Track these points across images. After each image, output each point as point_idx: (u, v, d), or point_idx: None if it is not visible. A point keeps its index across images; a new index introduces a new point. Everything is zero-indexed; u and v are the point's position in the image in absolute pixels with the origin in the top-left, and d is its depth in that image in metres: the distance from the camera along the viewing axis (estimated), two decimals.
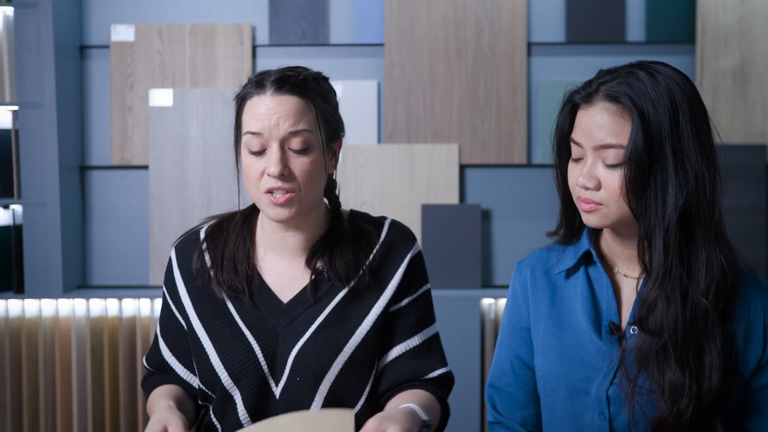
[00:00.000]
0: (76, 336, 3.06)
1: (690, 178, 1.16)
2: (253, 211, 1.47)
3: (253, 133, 1.32)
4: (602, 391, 1.23)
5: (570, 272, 1.33)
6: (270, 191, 1.32)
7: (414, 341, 1.43)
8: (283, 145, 1.31)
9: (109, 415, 3.10)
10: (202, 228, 1.47)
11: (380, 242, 1.43)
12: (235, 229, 1.44)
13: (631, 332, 1.23)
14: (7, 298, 3.05)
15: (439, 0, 3.16)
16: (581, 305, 1.28)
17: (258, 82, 1.34)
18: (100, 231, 3.25)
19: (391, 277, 1.42)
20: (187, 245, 1.46)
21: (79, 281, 3.21)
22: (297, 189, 1.32)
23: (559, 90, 3.13)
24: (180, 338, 1.45)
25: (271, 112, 1.31)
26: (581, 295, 1.29)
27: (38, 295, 3.05)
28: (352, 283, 1.39)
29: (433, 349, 1.45)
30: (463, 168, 3.19)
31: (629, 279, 1.28)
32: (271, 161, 1.30)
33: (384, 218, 1.48)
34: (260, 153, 1.32)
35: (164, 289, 1.48)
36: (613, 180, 1.18)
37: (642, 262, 1.21)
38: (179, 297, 1.44)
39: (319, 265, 1.40)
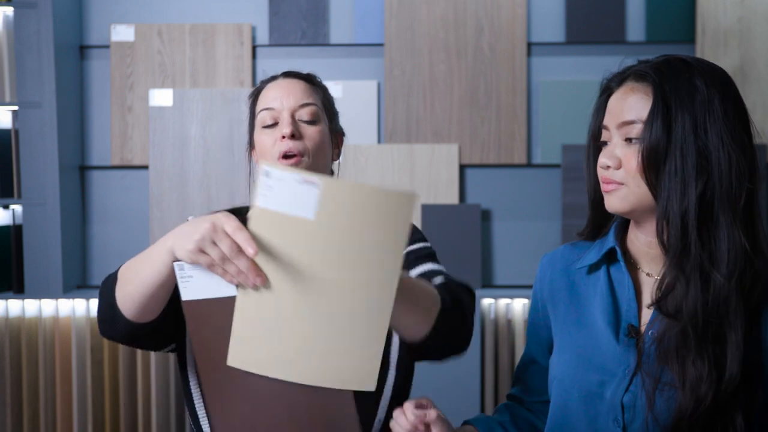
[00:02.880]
0: (76, 336, 3.06)
1: (713, 161, 1.14)
2: None
3: (267, 109, 1.44)
4: (617, 397, 1.20)
5: (591, 269, 1.30)
6: (283, 156, 1.40)
7: (416, 271, 1.44)
8: (293, 114, 1.43)
9: (109, 415, 3.10)
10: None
11: None
12: (244, 218, 1.48)
13: (650, 336, 1.19)
14: (7, 298, 3.05)
15: (439, 0, 3.16)
16: (600, 305, 1.25)
17: (271, 77, 1.50)
18: (100, 231, 3.25)
19: None
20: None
21: (79, 281, 3.21)
22: (306, 154, 1.41)
23: (559, 90, 3.17)
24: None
25: (283, 89, 1.45)
26: (601, 294, 1.26)
27: (38, 295, 3.05)
28: None
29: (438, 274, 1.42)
30: (463, 168, 3.19)
31: (652, 279, 1.24)
32: (283, 125, 1.41)
33: None
34: (273, 126, 1.43)
35: None
36: (633, 156, 1.17)
37: (661, 242, 1.18)
38: None
39: None
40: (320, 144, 1.43)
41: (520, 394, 1.42)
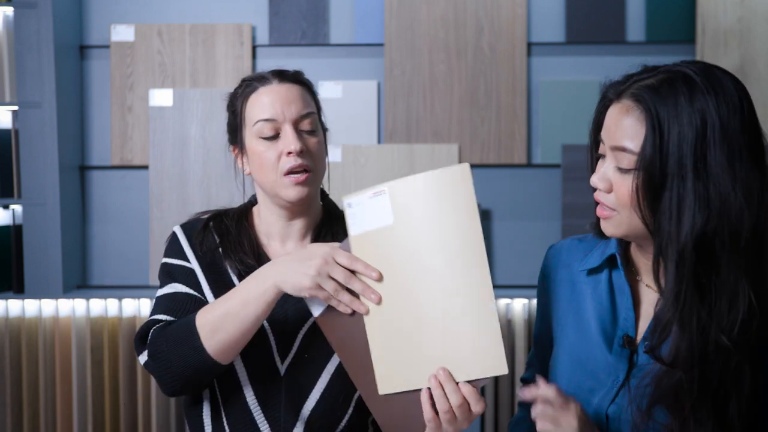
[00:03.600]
0: (76, 336, 3.06)
1: (713, 200, 1.04)
2: (245, 209, 1.51)
3: (266, 120, 1.39)
4: (602, 408, 1.18)
5: (592, 272, 1.26)
6: (290, 172, 1.38)
7: None
8: (296, 126, 1.39)
9: (109, 415, 3.10)
10: (204, 216, 1.50)
11: None
12: (233, 221, 1.48)
13: (645, 347, 1.16)
14: (7, 298, 3.05)
15: (439, 0, 3.16)
16: (597, 310, 1.23)
17: (259, 78, 1.45)
18: (100, 231, 3.25)
19: None
20: (192, 225, 1.48)
21: (79, 281, 3.21)
22: (312, 167, 1.40)
23: (559, 90, 3.17)
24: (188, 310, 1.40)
25: (282, 97, 1.40)
26: (599, 298, 1.23)
27: (38, 295, 3.05)
28: None
29: None
30: None
31: (652, 291, 1.20)
32: (290, 140, 1.38)
33: None
34: (273, 138, 1.39)
35: (170, 260, 1.45)
36: (624, 186, 1.10)
37: (656, 282, 1.12)
38: (191, 266, 1.43)
39: None
40: (320, 154, 1.43)
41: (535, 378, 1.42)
